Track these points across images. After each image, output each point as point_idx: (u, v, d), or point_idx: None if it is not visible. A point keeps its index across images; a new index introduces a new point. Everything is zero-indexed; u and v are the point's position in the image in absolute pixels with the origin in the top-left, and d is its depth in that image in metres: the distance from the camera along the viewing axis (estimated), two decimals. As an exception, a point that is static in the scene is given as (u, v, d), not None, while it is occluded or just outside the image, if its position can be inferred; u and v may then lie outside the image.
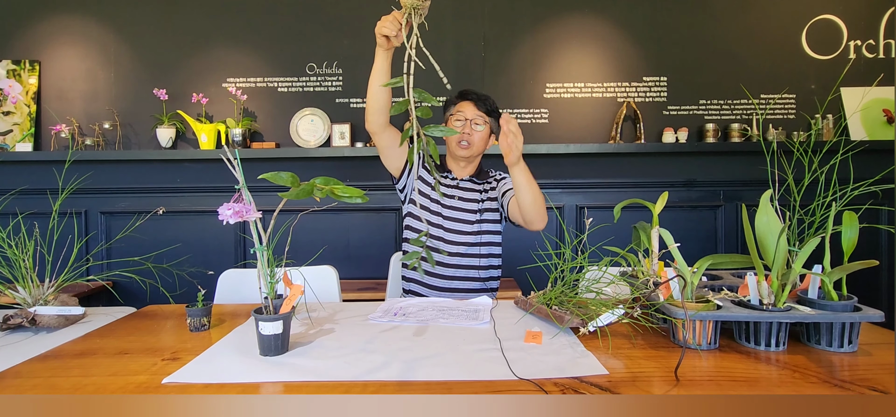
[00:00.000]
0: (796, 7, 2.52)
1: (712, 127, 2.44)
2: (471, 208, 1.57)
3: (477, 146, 1.55)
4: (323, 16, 2.54)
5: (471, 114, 1.54)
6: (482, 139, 1.56)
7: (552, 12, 2.53)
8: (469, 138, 1.53)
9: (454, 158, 1.60)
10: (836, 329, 0.87)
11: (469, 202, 1.57)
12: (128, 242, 2.38)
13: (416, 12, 1.03)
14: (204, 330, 1.06)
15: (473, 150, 1.55)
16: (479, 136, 1.54)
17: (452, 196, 1.58)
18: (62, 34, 2.53)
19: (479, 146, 1.56)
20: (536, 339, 0.94)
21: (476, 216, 1.56)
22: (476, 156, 1.59)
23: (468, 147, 1.53)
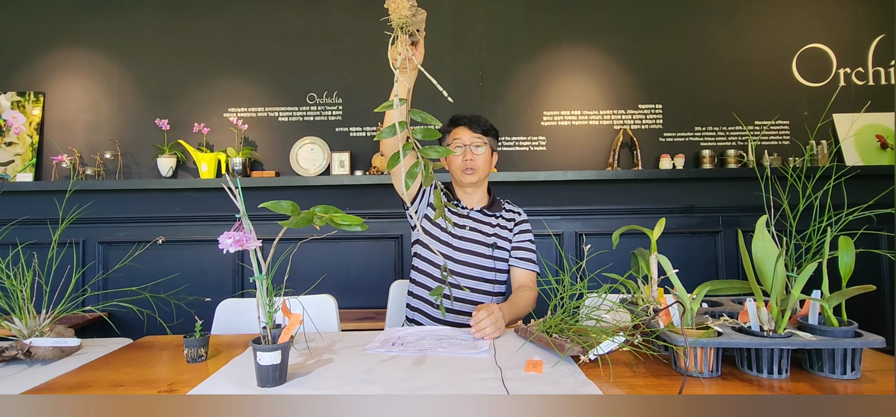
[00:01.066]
0: (785, 37, 2.59)
1: (708, 153, 2.47)
2: (484, 241, 1.53)
3: (482, 169, 1.52)
4: (323, 46, 2.60)
5: (468, 138, 1.51)
6: (485, 161, 1.53)
7: (548, 43, 2.59)
8: (471, 163, 1.50)
9: (461, 187, 1.57)
10: (838, 355, 0.87)
11: (481, 234, 1.53)
12: (126, 272, 2.37)
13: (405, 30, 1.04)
14: (201, 361, 1.05)
15: (479, 175, 1.52)
16: (481, 159, 1.51)
17: (463, 226, 1.54)
18: (67, 66, 2.58)
19: (483, 169, 1.52)
20: (537, 368, 0.94)
21: (489, 249, 1.52)
22: (483, 179, 1.56)
23: (473, 172, 1.50)
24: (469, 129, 1.52)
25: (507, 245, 1.55)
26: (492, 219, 1.56)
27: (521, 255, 1.55)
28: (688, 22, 2.59)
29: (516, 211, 1.61)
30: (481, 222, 1.55)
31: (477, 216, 1.56)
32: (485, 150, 1.52)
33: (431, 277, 1.52)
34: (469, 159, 1.50)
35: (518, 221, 1.59)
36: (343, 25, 2.60)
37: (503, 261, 1.54)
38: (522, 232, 1.57)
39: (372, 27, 2.59)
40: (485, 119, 1.55)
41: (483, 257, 1.51)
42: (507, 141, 2.58)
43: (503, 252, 1.54)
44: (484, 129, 1.52)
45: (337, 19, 2.60)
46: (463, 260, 1.51)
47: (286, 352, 0.89)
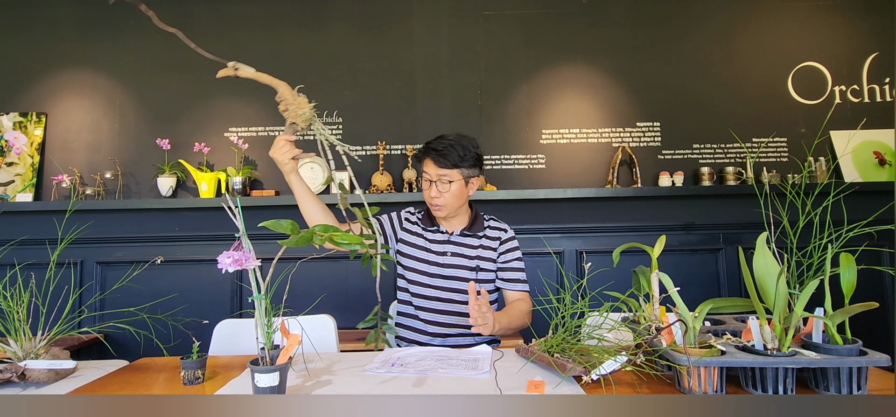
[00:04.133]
0: (781, 55, 2.62)
1: (707, 170, 2.48)
2: (467, 265, 1.49)
3: (451, 205, 1.43)
4: (323, 66, 2.63)
5: (434, 174, 1.42)
6: (455, 195, 1.43)
7: (546, 62, 2.62)
8: (437, 200, 1.42)
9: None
10: (844, 374, 0.86)
11: (464, 257, 1.49)
12: (123, 293, 2.35)
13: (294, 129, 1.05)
14: (198, 384, 1.03)
15: (447, 210, 1.45)
16: (450, 195, 1.42)
17: (445, 252, 1.50)
18: (70, 87, 2.60)
19: (453, 204, 1.44)
20: (539, 389, 0.92)
21: (473, 273, 1.49)
22: (454, 213, 1.48)
23: (440, 208, 1.44)
24: (435, 164, 1.42)
25: (491, 265, 1.51)
26: (474, 240, 1.51)
27: (510, 276, 1.51)
28: (685, 41, 2.63)
29: (501, 228, 1.55)
30: (463, 245, 1.50)
31: (458, 239, 1.51)
32: (455, 186, 1.42)
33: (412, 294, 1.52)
34: (434, 196, 1.43)
35: (504, 240, 1.53)
36: (342, 45, 2.63)
37: (489, 282, 1.51)
38: (509, 252, 1.52)
39: (371, 47, 2.63)
40: (459, 145, 1.42)
41: (466, 282, 1.47)
42: (506, 159, 2.59)
43: (487, 272, 1.50)
44: (454, 161, 1.40)
45: (336, 39, 2.63)
46: (447, 285, 1.48)
47: (284, 374, 0.88)
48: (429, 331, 1.49)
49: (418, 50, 2.63)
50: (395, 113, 2.60)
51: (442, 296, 1.49)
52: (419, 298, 1.51)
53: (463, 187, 1.45)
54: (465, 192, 1.47)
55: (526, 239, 2.51)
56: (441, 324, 1.49)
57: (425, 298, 1.50)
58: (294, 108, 1.02)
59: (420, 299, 1.51)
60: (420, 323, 1.51)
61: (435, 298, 1.49)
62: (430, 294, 1.49)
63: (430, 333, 1.49)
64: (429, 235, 1.52)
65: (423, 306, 1.50)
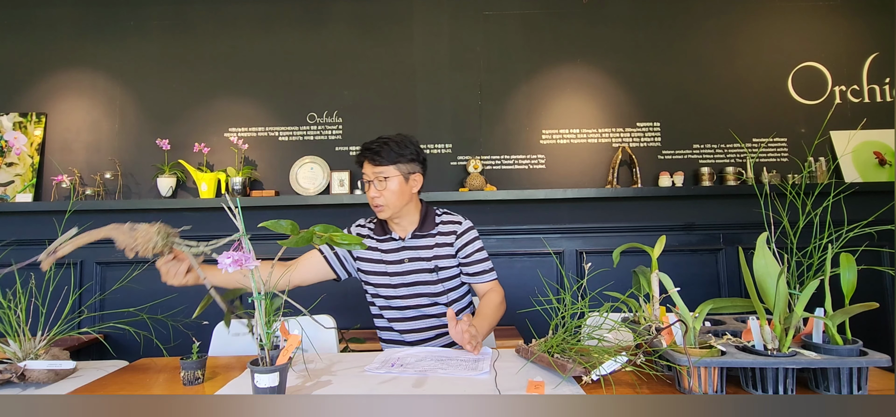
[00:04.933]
0: (780, 55, 2.62)
1: (707, 170, 2.48)
2: (425, 267, 1.45)
3: (393, 203, 1.39)
4: (323, 66, 2.63)
5: (371, 173, 1.38)
6: (396, 193, 1.38)
7: (546, 62, 2.62)
8: (376, 200, 1.39)
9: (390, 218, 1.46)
10: (844, 374, 0.86)
11: (421, 261, 1.45)
12: (123, 293, 2.35)
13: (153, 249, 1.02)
14: (198, 384, 1.03)
15: (390, 210, 1.40)
16: (390, 193, 1.38)
17: (401, 260, 1.45)
18: (70, 87, 2.60)
19: (395, 202, 1.39)
20: (539, 389, 0.92)
21: (433, 275, 1.45)
22: (399, 212, 1.43)
23: (382, 209, 1.40)
24: (371, 164, 1.39)
25: (450, 262, 1.46)
26: (429, 240, 1.46)
27: (475, 269, 1.47)
28: (685, 41, 2.63)
29: (455, 221, 1.49)
30: (418, 248, 1.45)
31: (412, 243, 1.46)
32: (395, 183, 1.38)
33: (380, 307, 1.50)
34: (374, 196, 1.39)
35: (460, 233, 1.47)
36: (343, 45, 2.63)
37: (451, 279, 1.47)
38: (468, 244, 1.46)
39: (371, 47, 2.63)
40: (395, 142, 1.40)
41: (429, 284, 1.44)
42: (506, 159, 2.59)
43: (448, 270, 1.46)
44: (391, 158, 1.37)
45: (337, 39, 2.63)
46: (409, 292, 1.44)
47: (284, 374, 0.88)
48: (408, 340, 1.47)
49: (418, 50, 2.63)
50: (396, 113, 2.60)
51: (410, 304, 1.45)
52: (389, 310, 1.48)
53: (403, 184, 1.39)
54: (407, 190, 1.41)
55: (526, 239, 2.51)
56: (417, 331, 1.47)
57: (394, 309, 1.47)
58: (142, 243, 0.98)
59: (390, 311, 1.48)
60: (396, 333, 1.49)
61: (403, 307, 1.46)
62: (397, 304, 1.46)
63: (410, 342, 1.47)
64: (383, 246, 1.47)
65: (394, 317, 1.48)
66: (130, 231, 0.96)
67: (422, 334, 1.47)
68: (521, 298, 2.44)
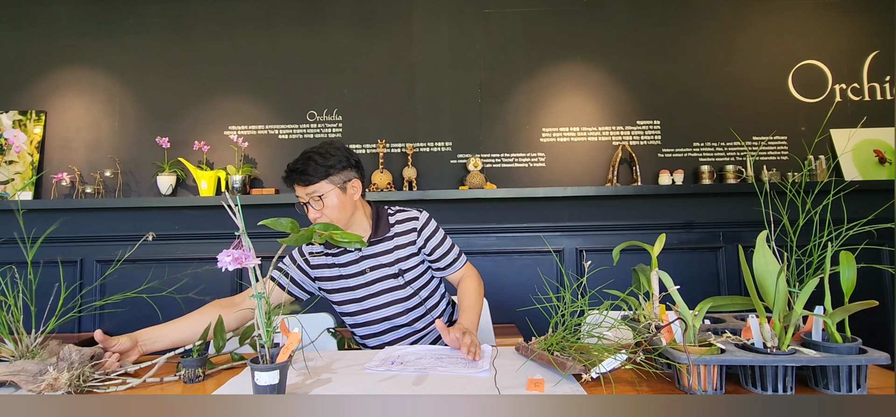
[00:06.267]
0: (781, 53, 2.61)
1: (707, 168, 2.48)
2: (388, 273, 1.37)
3: (337, 219, 1.31)
4: (323, 65, 2.62)
5: (304, 196, 1.29)
6: (336, 206, 1.30)
7: (546, 60, 2.62)
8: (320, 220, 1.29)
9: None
10: (843, 372, 0.86)
11: (383, 267, 1.37)
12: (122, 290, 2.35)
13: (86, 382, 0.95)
14: (198, 382, 1.03)
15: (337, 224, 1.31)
16: (331, 210, 1.29)
17: (362, 270, 1.37)
18: (69, 85, 2.60)
19: (338, 216, 1.30)
20: (538, 387, 0.92)
21: (399, 279, 1.37)
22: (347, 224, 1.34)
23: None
24: (301, 185, 1.29)
25: (414, 260, 1.39)
26: (387, 244, 1.37)
27: (446, 262, 1.41)
28: (685, 39, 2.62)
29: (411, 218, 1.40)
30: (377, 254, 1.37)
31: (370, 251, 1.37)
32: (332, 197, 1.29)
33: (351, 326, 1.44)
34: (315, 218, 1.30)
35: (420, 228, 1.39)
36: (343, 43, 2.63)
37: (418, 278, 1.40)
38: (431, 237, 1.39)
39: (371, 45, 2.62)
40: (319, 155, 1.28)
41: (396, 290, 1.37)
42: (506, 157, 2.59)
43: (413, 271, 1.39)
44: (319, 174, 1.27)
45: (337, 37, 2.63)
46: (378, 303, 1.37)
47: (284, 372, 0.88)
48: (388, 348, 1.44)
49: (418, 48, 2.62)
50: (396, 111, 2.60)
51: (378, 317, 1.38)
52: (359, 327, 1.42)
53: (341, 196, 1.30)
54: (347, 200, 1.32)
55: (525, 237, 2.51)
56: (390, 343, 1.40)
57: (363, 325, 1.40)
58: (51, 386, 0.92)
59: (360, 327, 1.41)
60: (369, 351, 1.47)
61: (372, 321, 1.39)
62: (365, 319, 1.39)
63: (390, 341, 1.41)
64: (339, 260, 1.38)
65: (365, 334, 1.42)
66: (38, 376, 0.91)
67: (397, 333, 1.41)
68: (520, 296, 2.45)
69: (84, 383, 0.95)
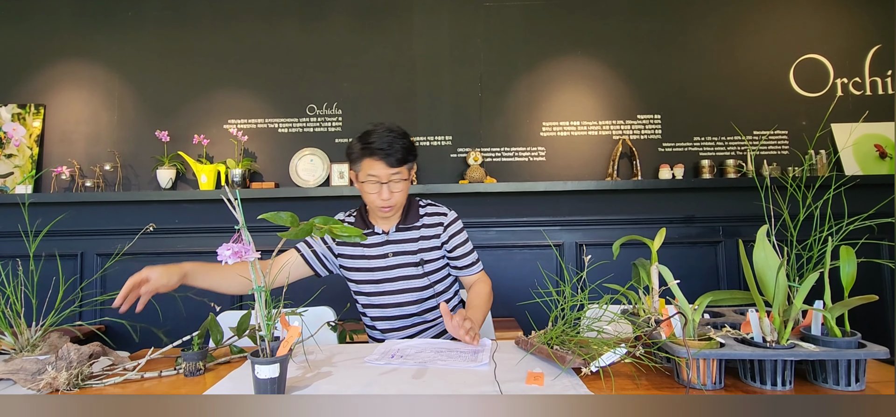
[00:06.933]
0: (782, 48, 2.60)
1: (708, 163, 2.47)
2: (410, 261, 1.40)
3: (402, 203, 1.36)
4: (323, 59, 2.61)
5: (384, 175, 1.29)
6: (404, 191, 1.34)
7: (546, 54, 2.61)
8: (390, 201, 1.32)
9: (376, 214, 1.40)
10: (842, 366, 0.86)
11: (406, 254, 1.40)
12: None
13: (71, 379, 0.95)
14: (199, 375, 1.04)
15: (398, 207, 1.37)
16: (400, 193, 1.33)
17: (385, 254, 1.40)
18: (68, 78, 2.59)
19: (403, 199, 1.36)
20: (538, 381, 0.93)
21: (419, 268, 1.41)
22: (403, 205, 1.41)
23: (390, 210, 1.35)
24: (386, 164, 1.29)
25: (436, 254, 1.42)
26: (413, 233, 1.41)
27: (464, 263, 1.45)
28: (685, 33, 2.61)
29: (440, 213, 1.44)
30: (402, 241, 1.41)
31: (396, 236, 1.41)
32: (405, 183, 1.33)
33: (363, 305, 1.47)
34: (386, 199, 1.31)
35: (447, 224, 1.43)
36: (343, 37, 2.62)
37: (437, 271, 1.44)
38: (455, 236, 1.43)
39: (371, 39, 2.61)
40: (404, 138, 1.32)
41: (414, 279, 1.41)
42: (506, 151, 2.59)
43: (434, 263, 1.42)
44: (407, 158, 1.31)
45: (337, 31, 2.62)
46: (394, 288, 1.40)
47: (285, 365, 0.88)
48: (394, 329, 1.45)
49: (418, 42, 2.61)
50: (396, 105, 2.59)
51: (392, 302, 1.41)
52: (371, 308, 1.45)
53: (409, 180, 1.36)
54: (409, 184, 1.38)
55: (526, 231, 2.51)
56: (398, 330, 1.44)
57: (376, 307, 1.44)
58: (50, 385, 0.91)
59: (372, 308, 1.45)
60: (378, 333, 1.46)
61: (386, 305, 1.42)
62: (379, 301, 1.42)
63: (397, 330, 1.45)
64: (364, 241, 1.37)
65: (377, 316, 1.45)
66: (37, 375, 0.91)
67: (402, 332, 1.43)
68: (520, 290, 2.45)
69: (83, 381, 0.95)
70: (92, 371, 1.01)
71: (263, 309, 0.90)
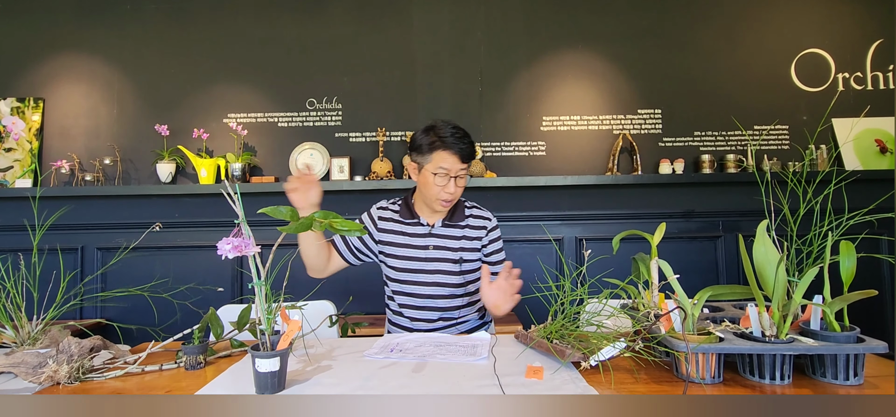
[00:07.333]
0: (784, 42, 2.59)
1: (708, 158, 2.47)
2: (450, 257, 1.43)
3: (460, 193, 1.39)
4: (323, 52, 2.60)
5: (455, 169, 1.33)
6: (463, 187, 1.38)
7: (547, 48, 2.60)
8: (454, 196, 1.36)
9: (429, 207, 1.43)
10: (841, 361, 0.86)
11: (447, 250, 1.43)
12: (124, 279, 2.37)
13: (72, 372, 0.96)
14: (199, 368, 1.04)
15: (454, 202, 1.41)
16: (461, 188, 1.37)
17: (426, 245, 1.43)
18: (67, 72, 2.58)
19: (461, 193, 1.39)
20: (537, 375, 0.93)
21: (457, 265, 1.43)
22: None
23: (449, 203, 1.38)
24: (459, 159, 1.33)
25: (475, 255, 1.46)
26: (456, 231, 1.45)
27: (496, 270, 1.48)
28: (687, 27, 2.60)
29: (485, 217, 1.49)
30: (445, 237, 1.44)
31: (440, 231, 1.44)
32: (465, 179, 1.38)
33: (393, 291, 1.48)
34: (452, 193, 1.35)
35: (490, 228, 1.48)
36: (342, 31, 2.60)
37: (473, 272, 1.47)
38: (494, 241, 1.49)
39: (371, 34, 2.60)
40: (468, 138, 1.37)
41: (451, 275, 1.44)
42: (506, 146, 2.58)
43: (471, 263, 1.46)
44: (470, 155, 1.36)
45: (336, 26, 2.61)
46: (430, 280, 1.43)
47: (285, 359, 0.88)
48: (414, 328, 1.47)
49: (418, 36, 2.60)
50: (395, 99, 2.59)
51: (424, 292, 1.44)
52: (402, 296, 1.47)
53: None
54: None
55: (525, 225, 2.51)
56: (425, 320, 1.46)
57: (408, 295, 1.46)
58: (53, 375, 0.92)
59: (403, 296, 1.47)
60: (405, 320, 1.48)
61: (417, 295, 1.45)
62: (411, 290, 1.45)
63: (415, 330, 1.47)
64: (409, 229, 1.45)
65: (406, 303, 1.47)
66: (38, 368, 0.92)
67: (429, 324, 1.46)
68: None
69: (83, 375, 0.96)
70: (93, 364, 1.01)
71: (263, 303, 0.90)
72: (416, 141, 1.39)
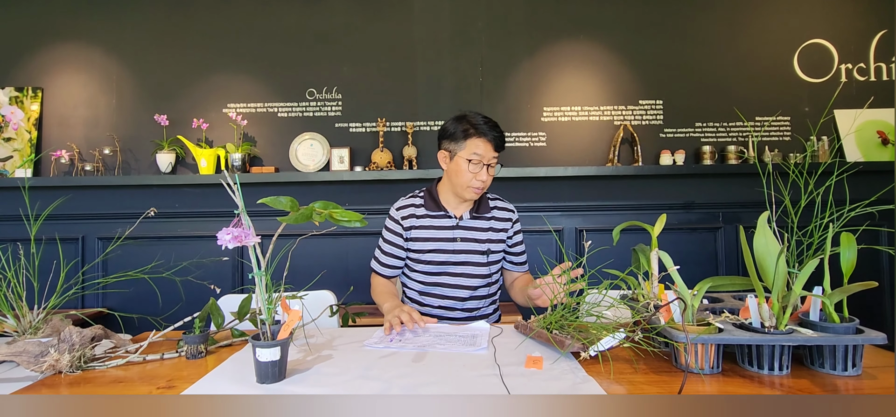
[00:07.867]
0: (787, 32, 2.57)
1: (709, 149, 2.46)
2: (477, 249, 1.44)
3: (490, 183, 1.41)
4: (323, 42, 2.59)
5: (489, 157, 1.36)
6: (492, 176, 1.41)
7: (548, 38, 2.58)
8: (486, 183, 1.39)
9: (457, 196, 1.44)
10: (840, 351, 0.86)
11: (474, 242, 1.44)
12: (124, 268, 2.36)
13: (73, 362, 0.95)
14: (201, 358, 1.04)
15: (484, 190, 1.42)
16: (492, 176, 1.40)
17: (454, 238, 1.44)
18: (66, 62, 2.57)
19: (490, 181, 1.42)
20: (537, 364, 0.93)
21: (484, 257, 1.45)
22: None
23: (480, 191, 1.40)
24: (493, 147, 1.37)
25: (500, 246, 1.49)
26: (483, 223, 1.46)
27: (519, 260, 1.54)
28: (689, 17, 2.58)
29: (509, 210, 1.52)
30: (473, 229, 1.46)
31: (467, 224, 1.46)
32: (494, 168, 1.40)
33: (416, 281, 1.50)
34: (485, 180, 1.37)
35: (514, 220, 1.52)
36: (342, 21, 2.58)
37: (497, 264, 1.50)
38: (518, 232, 1.53)
39: (371, 23, 2.58)
40: (499, 128, 1.41)
41: (478, 265, 1.45)
42: (507, 136, 2.57)
43: (496, 255, 1.49)
44: (502, 144, 1.40)
45: (336, 15, 2.59)
46: (457, 271, 1.44)
47: (285, 349, 0.89)
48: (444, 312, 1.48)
49: (419, 25, 2.58)
50: (396, 90, 2.57)
51: (450, 283, 1.45)
52: (425, 285, 1.47)
53: None
54: None
55: (526, 216, 2.51)
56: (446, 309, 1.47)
57: (432, 284, 1.47)
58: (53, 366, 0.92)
59: (426, 285, 1.48)
60: (425, 309, 1.49)
61: (442, 285, 1.45)
62: (437, 280, 1.46)
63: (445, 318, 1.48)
64: (436, 221, 1.45)
65: (428, 292, 1.47)
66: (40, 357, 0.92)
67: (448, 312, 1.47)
68: (520, 276, 2.45)
69: (85, 364, 0.96)
70: (94, 353, 1.02)
71: (264, 293, 0.90)
72: (448, 129, 1.41)
